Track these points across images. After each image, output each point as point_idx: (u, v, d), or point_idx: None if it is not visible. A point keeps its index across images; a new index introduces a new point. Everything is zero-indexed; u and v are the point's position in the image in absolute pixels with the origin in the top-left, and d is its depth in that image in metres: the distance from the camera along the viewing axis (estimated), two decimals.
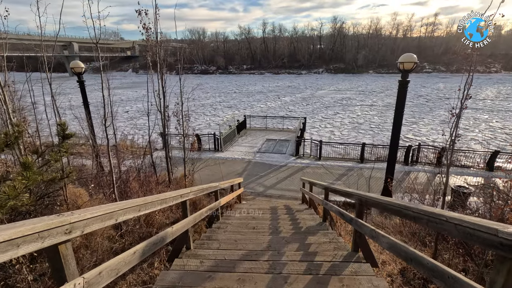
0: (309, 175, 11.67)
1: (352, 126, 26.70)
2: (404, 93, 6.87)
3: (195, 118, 31.87)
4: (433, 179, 10.98)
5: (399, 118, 7.12)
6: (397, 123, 7.18)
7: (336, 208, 3.90)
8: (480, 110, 33.20)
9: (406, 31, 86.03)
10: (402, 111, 7.04)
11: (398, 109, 7.04)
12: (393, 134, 7.39)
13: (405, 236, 5.10)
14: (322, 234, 4.23)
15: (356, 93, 47.77)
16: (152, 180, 6.33)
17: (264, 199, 9.80)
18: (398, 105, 7.02)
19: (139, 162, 8.01)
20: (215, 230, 4.50)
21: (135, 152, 15.07)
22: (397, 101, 7.08)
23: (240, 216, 5.85)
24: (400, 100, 6.98)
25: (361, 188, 10.27)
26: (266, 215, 6.06)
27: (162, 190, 5.88)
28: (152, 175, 6.92)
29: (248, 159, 13.98)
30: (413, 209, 1.73)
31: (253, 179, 11.69)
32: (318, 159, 13.54)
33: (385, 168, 12.02)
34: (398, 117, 7.12)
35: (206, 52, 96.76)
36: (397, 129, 7.26)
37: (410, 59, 6.46)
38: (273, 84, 62.31)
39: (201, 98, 45.49)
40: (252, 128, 20.27)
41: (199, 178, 10.68)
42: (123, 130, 19.90)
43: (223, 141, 15.29)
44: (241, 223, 5.08)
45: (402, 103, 7.00)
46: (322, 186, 4.93)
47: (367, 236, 2.71)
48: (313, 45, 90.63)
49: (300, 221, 5.35)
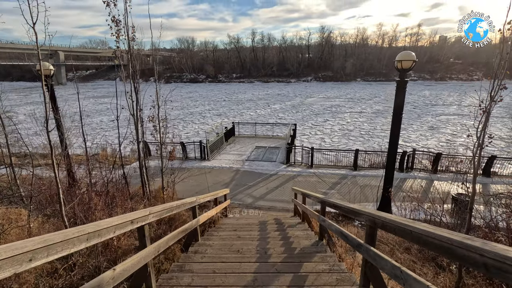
0: (301, 184, 10.98)
1: (342, 133, 26.51)
2: (403, 94, 6.35)
3: (183, 126, 31.08)
4: (430, 186, 10.50)
5: (398, 122, 6.56)
6: (395, 127, 6.62)
7: (336, 228, 3.19)
8: (466, 116, 33.74)
9: (391, 41, 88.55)
10: (400, 114, 6.50)
11: (396, 112, 6.49)
12: (391, 139, 6.82)
13: (413, 255, 4.45)
14: (320, 258, 3.50)
15: (345, 100, 48.11)
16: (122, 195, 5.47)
17: (252, 211, 9.01)
18: (396, 108, 6.48)
19: (114, 173, 7.13)
20: (190, 257, 3.69)
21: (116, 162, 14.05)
22: (395, 104, 6.54)
23: (224, 235, 5.04)
24: (398, 102, 6.44)
25: (356, 198, 9.64)
26: (254, 232, 5.28)
27: (133, 206, 5.04)
28: (124, 189, 6.05)
29: (236, 167, 13.19)
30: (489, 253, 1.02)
31: (241, 189, 10.90)
32: (310, 167, 12.90)
33: (379, 176, 11.52)
34: (396, 121, 6.56)
35: (196, 61, 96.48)
36: (395, 134, 6.69)
37: (409, 57, 5.96)
38: (262, 92, 62.23)
39: (190, 106, 44.77)
40: (241, 136, 19.55)
41: (182, 190, 9.81)
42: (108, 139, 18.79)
43: (209, 149, 14.48)
44: (224, 245, 4.29)
45: (401, 106, 6.46)
46: (318, 199, 4.22)
47: (385, 274, 2.00)
48: (301, 54, 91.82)
49: (293, 239, 4.60)
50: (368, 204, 8.90)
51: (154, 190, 7.34)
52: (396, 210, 7.67)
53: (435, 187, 10.12)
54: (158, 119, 6.24)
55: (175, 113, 39.81)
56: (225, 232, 5.27)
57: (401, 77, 6.22)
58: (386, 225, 1.96)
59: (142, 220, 2.30)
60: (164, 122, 6.50)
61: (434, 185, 10.34)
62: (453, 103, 42.23)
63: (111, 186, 5.72)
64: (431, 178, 10.81)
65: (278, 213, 8.67)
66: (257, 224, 6.30)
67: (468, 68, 74.35)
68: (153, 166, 9.22)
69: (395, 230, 1.81)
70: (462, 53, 78.03)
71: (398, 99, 6.39)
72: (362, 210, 2.39)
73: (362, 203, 9.04)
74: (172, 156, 7.17)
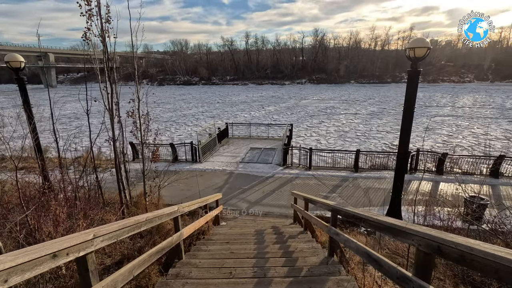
0: (300, 187, 10.23)
1: (338, 134, 26.03)
2: (415, 87, 5.68)
3: (175, 128, 30.19)
4: (437, 188, 9.88)
5: (409, 117, 5.87)
6: (406, 123, 5.92)
7: (358, 247, 2.43)
8: (461, 117, 33.75)
9: (384, 44, 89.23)
10: (412, 109, 5.81)
11: (407, 106, 5.79)
12: (401, 137, 6.12)
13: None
14: (334, 283, 2.74)
15: (340, 102, 47.87)
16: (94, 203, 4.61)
17: (248, 218, 8.21)
18: (408, 101, 5.79)
19: (93, 178, 6.25)
20: (169, 283, 2.88)
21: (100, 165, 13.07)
22: (406, 97, 5.84)
23: (214, 249, 4.23)
24: (410, 95, 5.76)
25: (359, 201, 8.94)
26: (249, 245, 4.49)
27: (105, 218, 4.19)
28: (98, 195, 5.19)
29: (230, 170, 12.38)
30: None
31: (235, 193, 10.08)
32: (308, 168, 12.17)
33: (382, 178, 10.88)
34: (407, 116, 5.87)
35: (189, 63, 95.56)
36: (406, 131, 5.99)
37: (423, 44, 5.30)
38: (256, 94, 61.68)
39: (183, 108, 43.94)
40: (234, 137, 18.74)
41: (171, 195, 8.96)
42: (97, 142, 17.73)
43: (201, 151, 13.64)
44: (214, 264, 3.49)
45: (412, 99, 5.77)
46: (329, 207, 3.46)
47: None
48: (295, 56, 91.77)
49: (297, 254, 3.83)
50: (374, 208, 8.20)
51: (136, 196, 6.48)
52: (406, 215, 6.98)
53: (442, 189, 9.50)
54: (139, 114, 5.41)
55: (167, 115, 38.87)
56: (215, 246, 4.46)
57: (413, 67, 5.55)
58: (465, 258, 1.20)
59: (80, 250, 1.50)
60: (146, 118, 5.67)
61: (440, 187, 9.73)
62: (447, 104, 42.33)
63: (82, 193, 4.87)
64: (437, 180, 10.20)
65: (276, 220, 7.90)
66: (253, 234, 5.51)
67: (460, 70, 75.29)
68: (139, 169, 8.35)
69: (486, 267, 1.06)
70: (454, 56, 79.16)
71: (410, 92, 5.71)
72: (409, 228, 1.63)
73: (366, 207, 8.33)
74: (155, 157, 6.33)
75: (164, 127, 30.42)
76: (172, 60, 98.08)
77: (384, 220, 1.97)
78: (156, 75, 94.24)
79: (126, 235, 2.01)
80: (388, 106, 41.72)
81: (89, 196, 4.91)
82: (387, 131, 27.23)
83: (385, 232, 2.01)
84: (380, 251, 4.76)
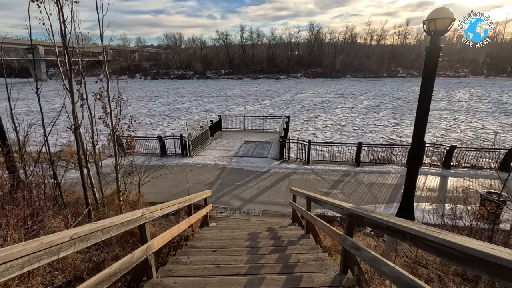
0: (298, 183, 9.44)
1: (335, 128, 25.36)
2: (434, 67, 4.86)
3: (168, 122, 29.12)
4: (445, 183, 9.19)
5: (425, 104, 5.05)
6: (422, 111, 5.10)
7: (403, 277, 1.60)
8: (457, 111, 33.45)
9: (379, 38, 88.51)
10: (430, 92, 4.99)
11: (424, 88, 4.96)
12: (416, 126, 5.31)
13: None
14: None
15: (336, 96, 47.20)
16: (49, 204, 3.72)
17: (241, 218, 7.39)
18: (425, 82, 4.96)
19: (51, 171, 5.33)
20: None
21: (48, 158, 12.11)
22: (423, 77, 5.01)
23: (197, 261, 3.39)
24: (427, 77, 4.93)
25: (364, 199, 8.18)
26: (240, 255, 3.67)
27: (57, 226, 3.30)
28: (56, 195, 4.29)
29: (223, 164, 11.52)
30: None
31: (228, 190, 9.24)
32: (307, 163, 11.37)
33: (386, 172, 10.15)
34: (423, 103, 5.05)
35: (183, 57, 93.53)
36: (422, 119, 5.17)
37: (445, 14, 4.46)
38: (252, 88, 60.59)
39: (176, 102, 42.76)
40: (228, 130, 17.84)
41: (155, 192, 8.10)
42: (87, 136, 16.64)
43: (192, 144, 12.73)
44: (193, 285, 2.65)
45: (430, 83, 4.95)
46: (343, 211, 2.62)
47: None
48: (291, 50, 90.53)
49: (300, 269, 3.02)
50: (380, 206, 7.45)
51: (110, 194, 5.59)
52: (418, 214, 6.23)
53: (452, 185, 8.81)
54: (108, 96, 4.49)
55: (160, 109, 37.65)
56: (199, 257, 3.62)
57: (433, 42, 4.72)
58: None
59: None
60: (118, 102, 4.73)
61: (449, 182, 9.03)
62: (443, 98, 41.97)
63: (36, 191, 3.97)
64: (445, 174, 9.50)
65: (272, 219, 7.09)
66: (245, 239, 4.68)
67: (455, 65, 75.23)
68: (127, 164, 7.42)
69: None
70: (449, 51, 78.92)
71: (428, 75, 4.88)
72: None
73: (372, 204, 7.59)
74: (131, 148, 5.41)
75: (156, 121, 29.47)
76: (166, 54, 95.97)
77: (469, 247, 1.10)
78: (150, 69, 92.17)
79: (17, 272, 1.15)
80: (384, 100, 41.15)
81: (45, 197, 4.01)
82: (384, 125, 26.72)
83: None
84: (396, 260, 4.00)
